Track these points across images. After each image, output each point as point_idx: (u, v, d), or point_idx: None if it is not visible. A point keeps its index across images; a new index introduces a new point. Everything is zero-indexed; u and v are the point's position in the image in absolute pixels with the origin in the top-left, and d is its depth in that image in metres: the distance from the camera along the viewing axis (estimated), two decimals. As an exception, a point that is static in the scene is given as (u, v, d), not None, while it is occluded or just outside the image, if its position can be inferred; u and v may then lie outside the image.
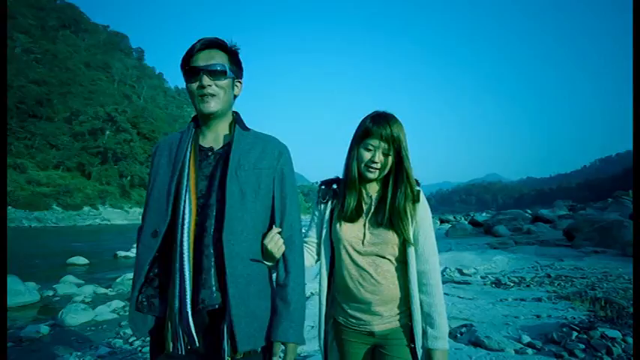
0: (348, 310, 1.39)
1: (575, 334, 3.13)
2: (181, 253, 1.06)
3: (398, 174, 1.35)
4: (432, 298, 1.31)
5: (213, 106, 1.15)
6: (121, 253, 13.25)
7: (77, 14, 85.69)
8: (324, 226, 1.43)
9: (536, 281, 6.21)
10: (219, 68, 1.15)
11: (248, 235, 1.13)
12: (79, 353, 3.93)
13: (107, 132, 58.07)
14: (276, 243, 1.16)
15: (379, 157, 1.33)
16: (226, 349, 1.05)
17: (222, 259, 1.08)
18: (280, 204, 1.20)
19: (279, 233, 1.18)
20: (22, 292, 6.65)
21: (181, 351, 1.06)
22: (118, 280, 8.09)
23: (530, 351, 3.03)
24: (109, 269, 10.62)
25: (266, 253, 1.16)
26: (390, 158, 1.34)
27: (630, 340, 2.92)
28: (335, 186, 1.45)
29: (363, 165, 1.35)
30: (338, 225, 1.38)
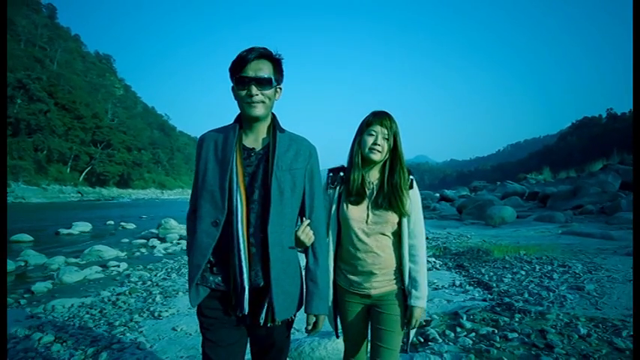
0: (351, 277, 1.58)
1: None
2: (238, 241, 1.23)
3: (394, 159, 1.55)
4: (418, 267, 1.54)
5: (259, 111, 1.28)
6: (64, 231, 13.40)
7: (-31, -42, 71.49)
8: (333, 207, 1.58)
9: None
10: (266, 78, 1.27)
11: (286, 226, 1.30)
12: (111, 288, 5.34)
13: (18, 101, 51.51)
14: (307, 234, 1.34)
15: (381, 140, 1.51)
16: (263, 316, 1.29)
17: (265, 248, 1.25)
18: (310, 199, 1.37)
19: (309, 225, 1.35)
20: (-2, 262, 7.41)
21: (240, 313, 1.27)
22: (85, 251, 8.86)
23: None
24: (58, 245, 10.89)
25: (298, 242, 1.33)
26: (388, 143, 1.52)
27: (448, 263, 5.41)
28: (342, 173, 1.61)
29: (367, 149, 1.52)
30: (345, 206, 1.55)
